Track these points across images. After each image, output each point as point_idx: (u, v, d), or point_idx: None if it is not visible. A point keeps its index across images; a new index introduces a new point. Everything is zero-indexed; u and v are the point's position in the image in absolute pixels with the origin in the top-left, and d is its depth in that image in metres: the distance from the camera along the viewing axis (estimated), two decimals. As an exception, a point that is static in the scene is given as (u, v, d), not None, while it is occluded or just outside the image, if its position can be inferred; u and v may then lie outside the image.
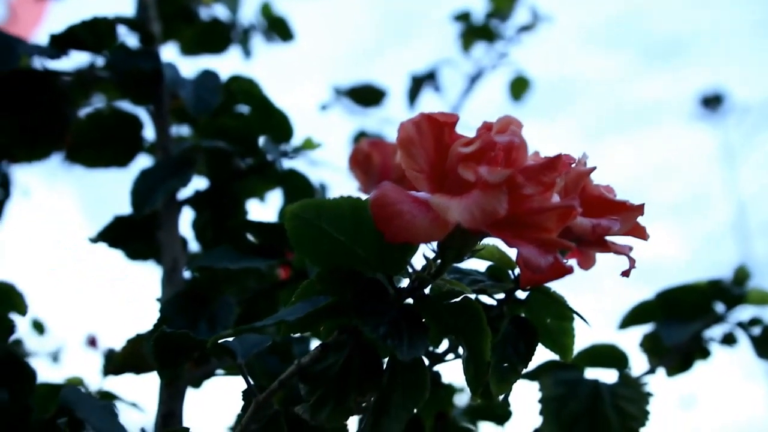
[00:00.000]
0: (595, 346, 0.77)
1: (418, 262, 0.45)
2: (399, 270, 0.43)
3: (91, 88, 0.99)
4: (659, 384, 0.70)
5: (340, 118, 1.54)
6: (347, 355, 0.44)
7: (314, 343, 0.78)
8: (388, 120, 1.45)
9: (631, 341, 0.81)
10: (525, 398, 0.72)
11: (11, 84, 0.75)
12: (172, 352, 0.49)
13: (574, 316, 0.60)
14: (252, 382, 0.48)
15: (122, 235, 0.71)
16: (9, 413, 0.33)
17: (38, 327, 1.69)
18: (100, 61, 1.15)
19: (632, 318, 0.87)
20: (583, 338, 0.73)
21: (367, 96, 1.42)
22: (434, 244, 0.43)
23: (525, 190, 0.39)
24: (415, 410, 0.42)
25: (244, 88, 0.73)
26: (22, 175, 1.52)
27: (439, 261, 0.43)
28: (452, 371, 0.62)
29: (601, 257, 0.57)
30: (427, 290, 0.45)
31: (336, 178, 1.37)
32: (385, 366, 0.45)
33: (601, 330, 0.81)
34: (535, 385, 0.71)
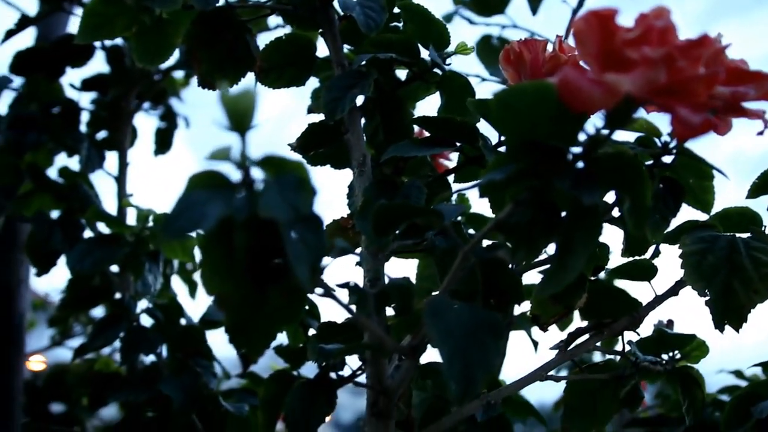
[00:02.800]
0: (728, 209, 0.86)
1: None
2: (573, 139, 0.54)
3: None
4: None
5: (460, 27, 1.62)
6: (534, 210, 0.56)
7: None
8: (510, 26, 1.52)
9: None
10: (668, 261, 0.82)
11: (205, 20, 0.88)
12: (387, 221, 0.62)
13: (714, 174, 0.70)
14: (458, 240, 0.60)
15: (315, 140, 0.85)
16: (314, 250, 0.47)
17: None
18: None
19: (762, 185, 0.94)
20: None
21: (490, 3, 1.49)
22: (599, 118, 0.54)
23: (679, 63, 0.49)
24: (593, 248, 0.54)
25: (405, 4, 0.84)
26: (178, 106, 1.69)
27: (605, 130, 0.54)
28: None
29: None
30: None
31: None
32: (563, 217, 0.57)
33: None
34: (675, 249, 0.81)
